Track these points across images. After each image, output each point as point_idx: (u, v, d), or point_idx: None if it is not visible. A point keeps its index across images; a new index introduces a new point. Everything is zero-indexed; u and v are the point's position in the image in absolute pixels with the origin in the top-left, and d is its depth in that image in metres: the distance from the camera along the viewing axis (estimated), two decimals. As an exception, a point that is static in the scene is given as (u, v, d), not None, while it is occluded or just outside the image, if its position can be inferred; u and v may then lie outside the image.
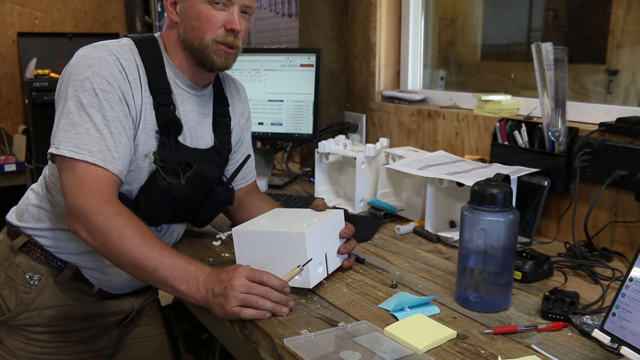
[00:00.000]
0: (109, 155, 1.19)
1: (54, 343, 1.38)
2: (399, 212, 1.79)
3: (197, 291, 1.11)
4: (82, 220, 1.16)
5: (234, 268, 1.11)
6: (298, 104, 2.15)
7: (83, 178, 1.17)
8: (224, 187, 1.44)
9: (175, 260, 1.13)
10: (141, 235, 1.14)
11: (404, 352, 0.99)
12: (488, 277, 1.15)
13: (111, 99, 1.21)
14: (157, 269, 1.12)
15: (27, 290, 1.36)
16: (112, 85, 1.22)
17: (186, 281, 1.11)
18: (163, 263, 1.12)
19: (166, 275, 1.12)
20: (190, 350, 2.14)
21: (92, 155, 1.18)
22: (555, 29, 1.96)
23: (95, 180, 1.17)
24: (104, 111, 1.20)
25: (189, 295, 1.12)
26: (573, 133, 1.55)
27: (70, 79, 1.22)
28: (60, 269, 1.37)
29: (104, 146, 1.19)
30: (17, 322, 1.36)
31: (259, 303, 1.09)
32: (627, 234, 1.47)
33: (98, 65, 1.22)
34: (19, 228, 1.39)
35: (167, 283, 1.13)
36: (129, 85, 1.25)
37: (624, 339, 0.90)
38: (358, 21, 2.39)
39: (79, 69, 1.22)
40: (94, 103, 1.20)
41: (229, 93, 1.52)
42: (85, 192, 1.16)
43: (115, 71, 1.23)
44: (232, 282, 1.08)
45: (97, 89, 1.20)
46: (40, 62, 3.50)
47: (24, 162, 3.39)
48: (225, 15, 1.29)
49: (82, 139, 1.18)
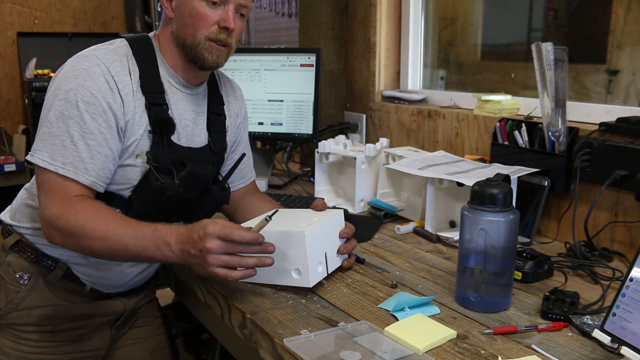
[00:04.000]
0: (81, 167, 1.21)
1: (43, 342, 1.39)
2: (399, 212, 1.79)
3: (172, 253, 1.13)
4: (51, 229, 1.20)
5: (203, 227, 1.11)
6: (298, 104, 2.15)
7: (52, 189, 1.20)
8: (219, 185, 1.44)
9: (140, 231, 1.16)
10: (103, 224, 1.16)
11: (404, 352, 0.99)
12: (488, 277, 1.15)
13: (93, 110, 1.22)
14: (128, 248, 1.15)
15: (16, 290, 1.37)
16: (96, 97, 1.23)
17: (158, 247, 1.14)
18: (129, 241, 1.15)
19: (138, 251, 1.15)
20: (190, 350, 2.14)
21: (64, 167, 1.20)
22: (556, 28, 1.96)
23: (62, 189, 1.20)
24: (83, 123, 1.21)
25: (166, 259, 1.15)
26: (573, 133, 1.55)
27: (57, 88, 1.24)
28: (51, 269, 1.37)
29: (77, 158, 1.21)
30: (7, 321, 1.37)
31: (241, 263, 1.11)
32: (627, 234, 1.47)
33: (84, 77, 1.23)
34: (12, 227, 1.40)
35: (143, 256, 1.16)
36: (118, 93, 1.25)
37: (624, 339, 0.90)
38: (358, 21, 2.39)
39: (67, 79, 1.24)
40: (73, 115, 1.21)
41: (224, 92, 1.52)
42: (52, 201, 1.20)
43: (102, 82, 1.24)
44: (205, 245, 1.09)
45: (79, 101, 1.22)
46: (40, 62, 3.49)
47: (24, 162, 3.38)
48: (220, 13, 1.28)
49: (57, 150, 1.20)
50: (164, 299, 1.73)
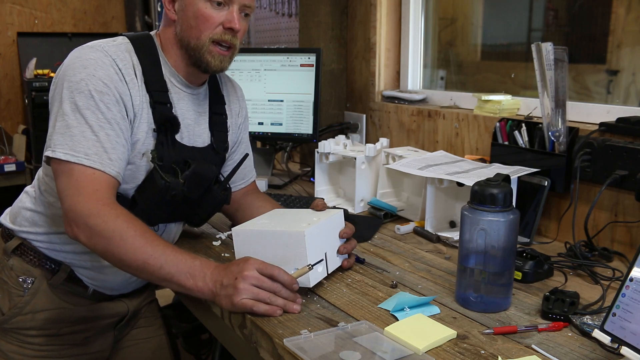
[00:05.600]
0: (105, 157, 1.18)
1: (47, 346, 1.38)
2: (399, 212, 1.79)
3: (204, 284, 1.11)
4: (80, 225, 1.14)
5: (245, 260, 1.11)
6: (298, 104, 2.15)
7: (80, 181, 1.16)
8: (221, 186, 1.44)
9: (180, 256, 1.13)
10: (143, 235, 1.14)
11: (404, 352, 0.99)
12: (488, 277, 1.15)
13: (107, 100, 1.20)
14: (162, 267, 1.12)
15: (20, 294, 1.35)
16: (109, 86, 1.21)
17: (192, 276, 1.11)
18: (167, 261, 1.12)
19: (171, 272, 1.11)
20: (190, 350, 2.14)
21: (88, 158, 1.16)
22: (556, 28, 1.96)
23: (92, 183, 1.16)
24: (100, 113, 1.19)
25: (195, 290, 1.12)
26: (573, 133, 1.55)
27: (66, 80, 1.21)
28: (54, 272, 1.36)
29: (100, 148, 1.17)
30: (11, 326, 1.35)
31: (271, 299, 1.09)
32: (627, 234, 1.47)
33: (94, 67, 1.21)
34: (13, 231, 1.39)
35: (173, 280, 1.12)
36: (126, 85, 1.24)
37: (624, 339, 0.90)
38: (358, 21, 2.39)
39: (75, 70, 1.21)
40: (89, 105, 1.18)
41: (225, 91, 1.52)
42: (82, 196, 1.15)
43: (112, 72, 1.22)
44: (243, 273, 1.08)
45: (92, 91, 1.19)
46: (40, 62, 3.50)
47: (24, 162, 3.39)
48: (224, 14, 1.28)
49: (78, 141, 1.17)
50: (164, 299, 1.73)
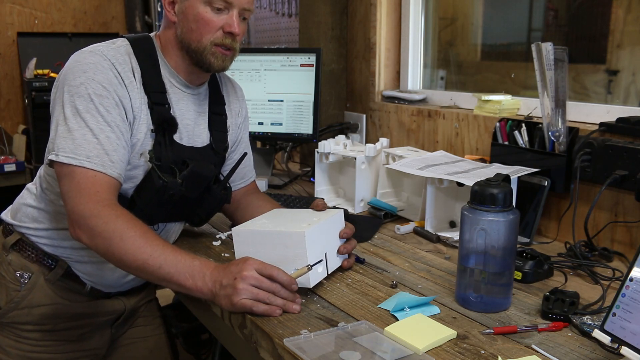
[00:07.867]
0: (106, 160, 1.19)
1: (43, 341, 1.39)
2: (399, 212, 1.79)
3: (203, 284, 1.11)
4: (82, 226, 1.16)
5: (244, 260, 1.11)
6: (298, 104, 2.15)
7: (81, 184, 1.17)
8: (221, 185, 1.44)
9: (179, 256, 1.14)
10: (143, 236, 1.14)
11: (404, 352, 0.99)
12: (488, 277, 1.15)
13: (107, 103, 1.22)
14: (161, 267, 1.12)
15: (17, 288, 1.37)
16: (108, 90, 1.22)
17: (192, 276, 1.12)
18: (167, 260, 1.12)
19: (171, 272, 1.12)
20: (190, 350, 2.14)
21: (89, 160, 1.18)
22: (556, 29, 1.96)
23: (93, 185, 1.18)
24: (99, 116, 1.21)
25: (195, 289, 1.12)
26: (573, 133, 1.55)
27: (66, 84, 1.23)
28: (52, 267, 1.37)
29: (101, 151, 1.19)
30: (7, 320, 1.37)
31: (270, 299, 1.09)
32: (627, 234, 1.47)
33: (93, 71, 1.22)
34: (13, 226, 1.40)
35: (172, 280, 1.13)
36: (125, 88, 1.25)
37: (624, 339, 0.90)
38: (358, 21, 2.38)
39: (74, 74, 1.23)
40: (89, 108, 1.20)
41: (225, 91, 1.52)
42: (84, 197, 1.17)
43: (111, 76, 1.23)
44: (242, 273, 1.08)
45: (92, 95, 1.21)
46: (40, 62, 3.49)
47: (24, 162, 3.38)
48: (224, 18, 1.29)
49: (79, 144, 1.19)
50: (164, 299, 1.73)
